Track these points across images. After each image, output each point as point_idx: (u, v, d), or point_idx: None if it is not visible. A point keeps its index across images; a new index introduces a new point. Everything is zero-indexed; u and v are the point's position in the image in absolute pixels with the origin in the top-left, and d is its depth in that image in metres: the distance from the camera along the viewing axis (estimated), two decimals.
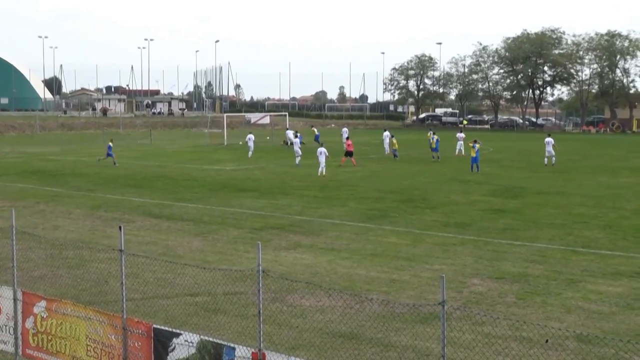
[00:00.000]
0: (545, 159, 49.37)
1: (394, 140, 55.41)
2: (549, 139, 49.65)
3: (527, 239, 23.07)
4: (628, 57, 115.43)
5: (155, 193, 34.04)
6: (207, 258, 20.32)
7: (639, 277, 18.24)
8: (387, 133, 62.36)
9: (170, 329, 11.00)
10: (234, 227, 25.29)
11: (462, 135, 61.94)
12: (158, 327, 11.07)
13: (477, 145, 44.73)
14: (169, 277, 17.42)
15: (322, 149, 43.27)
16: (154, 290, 16.55)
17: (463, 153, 57.38)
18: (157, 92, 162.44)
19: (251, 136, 59.01)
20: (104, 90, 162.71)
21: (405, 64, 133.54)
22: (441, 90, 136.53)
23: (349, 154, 48.70)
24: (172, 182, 38.40)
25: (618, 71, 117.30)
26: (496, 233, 24.14)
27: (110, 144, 50.07)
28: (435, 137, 55.20)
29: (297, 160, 49.12)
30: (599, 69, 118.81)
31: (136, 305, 15.03)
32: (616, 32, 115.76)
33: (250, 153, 56.33)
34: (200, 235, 23.87)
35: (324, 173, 42.15)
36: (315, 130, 74.24)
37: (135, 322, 11.26)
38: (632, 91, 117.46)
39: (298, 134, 56.98)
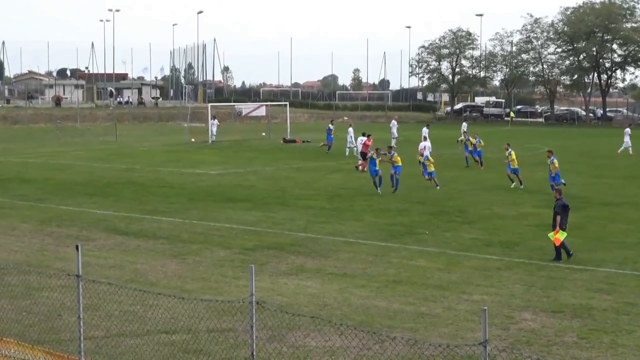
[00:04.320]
0: None
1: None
2: None
3: (591, 263, 23.04)
4: None
5: (121, 203, 34.08)
6: (186, 286, 20.32)
7: None
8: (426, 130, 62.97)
9: None
10: (220, 246, 25.30)
11: (629, 130, 63.15)
12: None
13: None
14: (138, 310, 17.42)
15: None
16: (120, 326, 16.54)
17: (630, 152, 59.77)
18: (124, 77, 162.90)
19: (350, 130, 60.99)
20: (57, 75, 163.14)
21: (437, 41, 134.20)
22: (482, 74, 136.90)
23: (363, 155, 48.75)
24: (143, 190, 38.46)
25: None
26: (552, 254, 24.10)
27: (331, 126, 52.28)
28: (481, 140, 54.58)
29: (347, 151, 50.18)
30: None
31: (97, 345, 15.03)
32: None
33: (347, 151, 58.54)
34: (177, 256, 23.88)
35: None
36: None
37: None
38: None
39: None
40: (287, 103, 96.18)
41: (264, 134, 78.99)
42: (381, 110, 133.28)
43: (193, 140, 73.38)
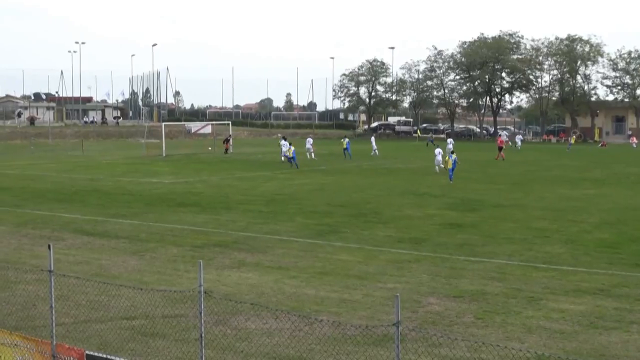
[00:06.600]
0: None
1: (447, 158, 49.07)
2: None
3: (485, 255, 23.28)
4: (589, 62, 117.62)
5: (87, 208, 33.63)
6: (144, 278, 20.13)
7: (602, 294, 18.53)
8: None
9: (104, 356, 10.87)
10: (173, 244, 25.09)
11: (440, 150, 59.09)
12: (91, 353, 10.94)
13: (454, 156, 46.89)
14: (102, 300, 17.21)
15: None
16: (87, 313, 16.33)
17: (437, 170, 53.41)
18: (89, 100, 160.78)
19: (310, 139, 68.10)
20: (32, 97, 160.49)
21: (356, 69, 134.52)
22: (394, 97, 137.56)
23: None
24: (106, 197, 37.99)
25: (579, 77, 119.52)
26: (453, 249, 24.32)
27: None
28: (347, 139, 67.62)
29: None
30: (559, 75, 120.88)
31: (67, 330, 14.82)
32: (576, 36, 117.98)
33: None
34: (136, 253, 23.64)
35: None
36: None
37: (66, 349, 11.10)
38: (593, 98, 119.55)
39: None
40: (230, 122, 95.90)
41: (210, 148, 78.54)
42: (309, 128, 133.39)
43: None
